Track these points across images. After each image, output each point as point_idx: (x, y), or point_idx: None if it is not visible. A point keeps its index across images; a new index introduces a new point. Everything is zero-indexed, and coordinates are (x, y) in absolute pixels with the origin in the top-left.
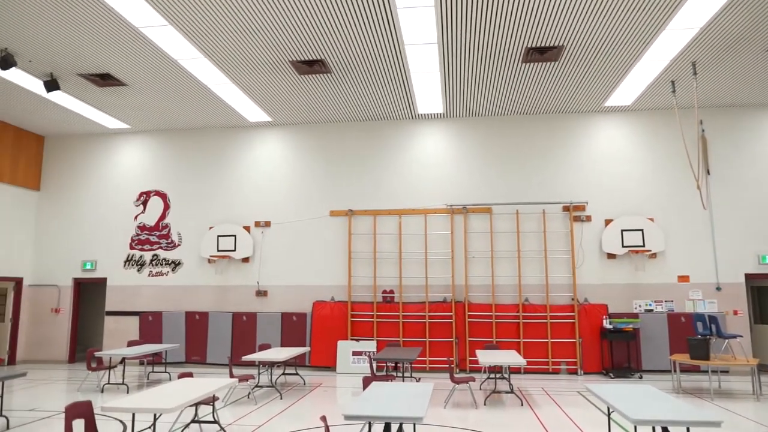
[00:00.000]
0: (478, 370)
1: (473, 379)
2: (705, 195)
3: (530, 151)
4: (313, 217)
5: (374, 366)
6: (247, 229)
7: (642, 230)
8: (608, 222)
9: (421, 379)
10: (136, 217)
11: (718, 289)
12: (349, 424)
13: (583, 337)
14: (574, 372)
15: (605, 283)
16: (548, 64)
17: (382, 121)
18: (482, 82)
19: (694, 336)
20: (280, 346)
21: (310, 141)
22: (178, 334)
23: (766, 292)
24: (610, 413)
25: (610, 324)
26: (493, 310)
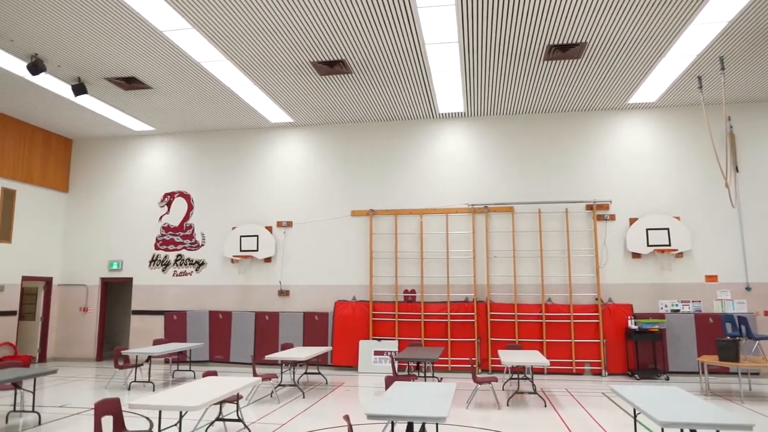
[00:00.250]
0: (500, 370)
1: (496, 380)
2: (733, 192)
3: (552, 149)
4: (335, 217)
5: (396, 366)
6: (270, 229)
7: (668, 229)
8: (633, 221)
9: (443, 379)
10: (161, 218)
11: (748, 289)
12: (371, 423)
13: (607, 338)
14: (598, 373)
15: (630, 283)
16: (570, 61)
17: (403, 120)
18: (503, 81)
19: (722, 337)
20: (302, 346)
21: (332, 141)
22: (202, 333)
23: None
24: (636, 415)
25: (635, 324)
26: (516, 310)
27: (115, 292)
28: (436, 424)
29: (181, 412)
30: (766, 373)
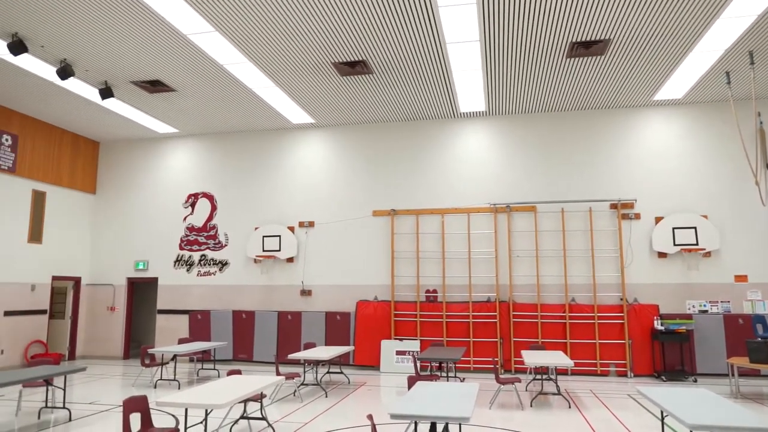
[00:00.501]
0: (522, 371)
1: (519, 380)
2: (764, 190)
3: (575, 148)
4: (356, 217)
5: (418, 365)
6: (292, 229)
7: (695, 228)
8: (658, 220)
9: (466, 380)
10: (185, 219)
11: None
12: (394, 423)
13: (632, 339)
14: (623, 374)
15: (656, 283)
16: (594, 58)
17: (424, 120)
18: (525, 79)
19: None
20: (325, 345)
21: (353, 141)
22: (226, 332)
23: None
24: (664, 417)
25: (662, 325)
26: (539, 310)
27: (141, 292)
28: (459, 425)
29: (206, 410)
30: None
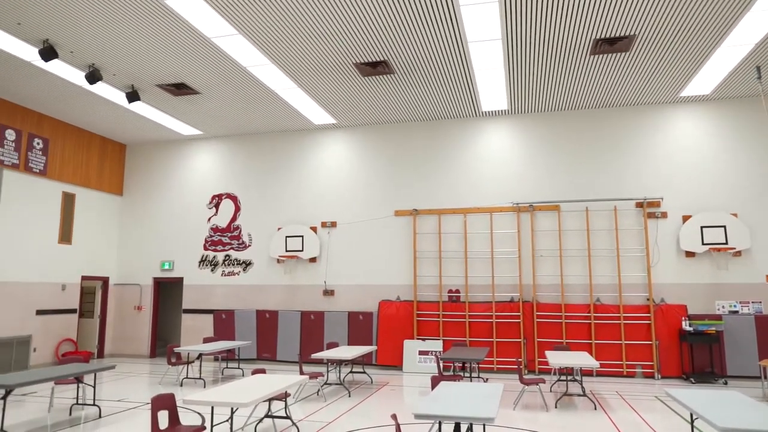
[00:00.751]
0: (546, 371)
1: (543, 381)
2: None
3: (600, 146)
4: (378, 217)
5: (441, 365)
6: (314, 229)
7: (724, 226)
8: (686, 218)
9: (489, 380)
10: (209, 219)
11: None
12: (417, 423)
13: (660, 340)
14: (650, 376)
15: (684, 283)
16: (618, 55)
17: (446, 119)
18: (548, 77)
19: None
20: (347, 345)
21: (374, 142)
22: (250, 331)
23: None
24: (694, 420)
25: (690, 326)
26: (563, 310)
27: (167, 292)
28: (484, 425)
29: (232, 409)
30: None
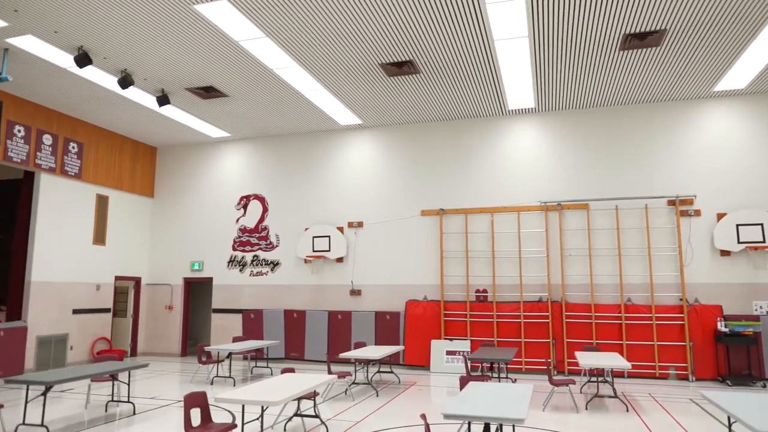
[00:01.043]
0: (576, 372)
1: (573, 382)
2: None
3: (630, 143)
4: (405, 217)
5: (469, 366)
6: (341, 229)
7: (761, 224)
8: (721, 216)
9: (517, 381)
10: (238, 220)
11: None
12: (445, 423)
13: (694, 341)
14: (684, 378)
15: (719, 283)
16: (649, 50)
17: (472, 118)
18: (576, 74)
19: None
20: (374, 345)
21: (400, 142)
22: (278, 331)
23: None
24: (732, 424)
25: (726, 327)
26: (593, 310)
27: (197, 292)
28: (513, 426)
29: (262, 407)
30: None
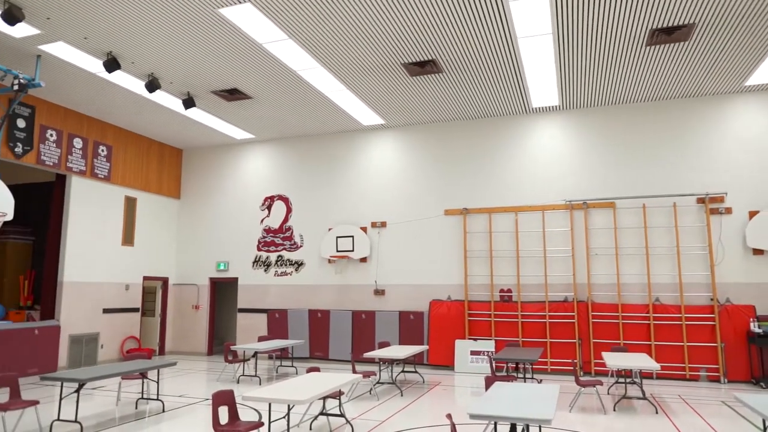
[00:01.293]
0: (603, 373)
1: (600, 383)
2: None
3: (657, 140)
4: (428, 217)
5: (493, 366)
6: (364, 229)
7: None
8: (753, 214)
9: (543, 381)
10: (262, 221)
11: None
12: (471, 423)
13: (725, 342)
14: (716, 379)
15: (752, 282)
16: (676, 45)
17: (495, 117)
18: (602, 70)
19: None
20: (398, 344)
21: (423, 141)
22: (302, 330)
23: None
24: (767, 427)
25: (759, 327)
26: (620, 310)
27: (223, 291)
28: (540, 427)
29: (289, 405)
30: None
